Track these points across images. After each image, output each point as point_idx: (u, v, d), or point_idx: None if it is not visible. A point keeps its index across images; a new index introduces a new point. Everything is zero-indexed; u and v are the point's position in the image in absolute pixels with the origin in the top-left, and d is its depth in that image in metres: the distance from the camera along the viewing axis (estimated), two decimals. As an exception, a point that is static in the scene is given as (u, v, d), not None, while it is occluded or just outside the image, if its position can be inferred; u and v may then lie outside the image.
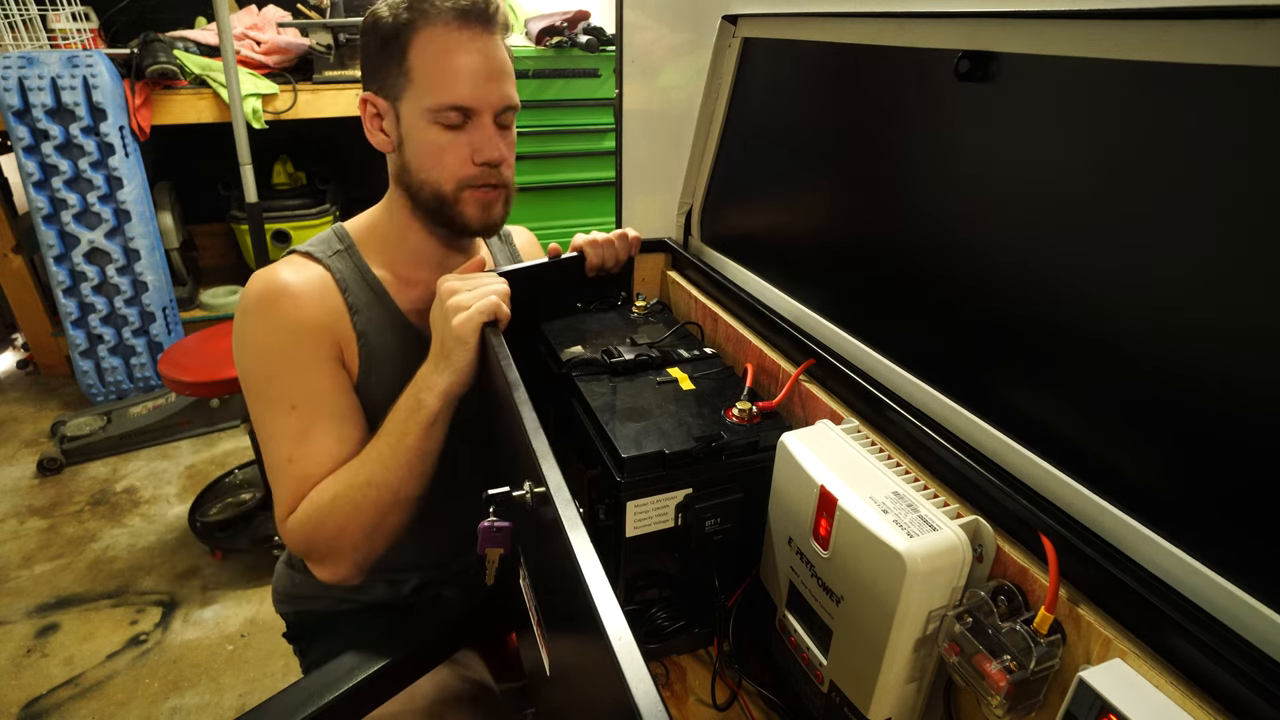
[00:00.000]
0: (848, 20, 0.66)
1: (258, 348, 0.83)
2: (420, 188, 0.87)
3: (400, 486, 0.78)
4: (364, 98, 0.87)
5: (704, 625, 0.73)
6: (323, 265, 0.87)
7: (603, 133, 2.81)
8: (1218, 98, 0.40)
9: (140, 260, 2.48)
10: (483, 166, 0.86)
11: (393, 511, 0.79)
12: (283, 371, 0.82)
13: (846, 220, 0.75)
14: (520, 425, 0.57)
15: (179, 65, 2.42)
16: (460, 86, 0.81)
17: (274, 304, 0.83)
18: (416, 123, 0.83)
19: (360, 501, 0.78)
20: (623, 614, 0.39)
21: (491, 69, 0.83)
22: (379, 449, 0.79)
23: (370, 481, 0.78)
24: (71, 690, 1.62)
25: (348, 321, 0.87)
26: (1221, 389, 0.42)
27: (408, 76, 0.82)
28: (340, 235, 0.92)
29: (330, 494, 0.79)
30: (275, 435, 0.82)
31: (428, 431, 0.78)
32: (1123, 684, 0.40)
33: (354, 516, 0.79)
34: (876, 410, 0.63)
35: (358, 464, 0.80)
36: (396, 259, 0.92)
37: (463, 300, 0.77)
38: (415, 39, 0.80)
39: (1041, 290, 0.53)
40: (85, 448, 2.34)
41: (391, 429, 0.79)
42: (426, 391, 0.78)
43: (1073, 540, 0.46)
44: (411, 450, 0.78)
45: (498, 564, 0.73)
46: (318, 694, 0.77)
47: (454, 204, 0.87)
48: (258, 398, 0.83)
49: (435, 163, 0.85)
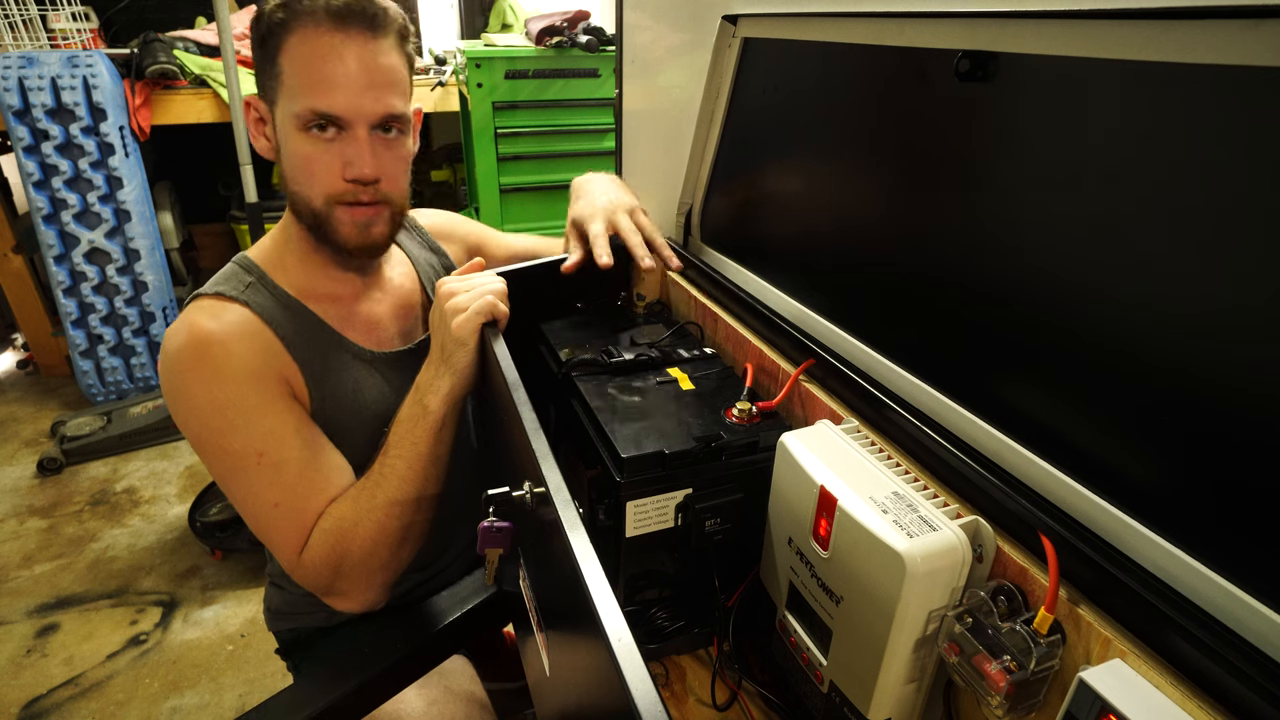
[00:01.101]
0: (848, 20, 0.66)
1: (203, 407, 0.77)
2: (295, 200, 0.81)
3: (420, 495, 0.79)
4: (247, 99, 0.83)
5: (704, 625, 0.73)
6: (239, 303, 0.81)
7: (603, 133, 2.81)
8: (1218, 98, 0.40)
9: (140, 260, 2.48)
10: (353, 183, 0.79)
11: (415, 521, 0.80)
12: (236, 423, 0.77)
13: (846, 220, 0.75)
14: (520, 425, 0.57)
15: (179, 65, 2.42)
16: (329, 93, 0.74)
17: (205, 357, 0.77)
18: (288, 130, 0.77)
19: (384, 521, 0.78)
20: (623, 614, 0.39)
21: (370, 76, 0.76)
22: (393, 464, 0.78)
23: (391, 499, 0.78)
24: (71, 690, 1.62)
25: (286, 356, 0.82)
26: (1222, 389, 0.42)
27: (279, 79, 0.76)
28: (247, 266, 0.86)
29: (349, 520, 0.78)
30: (251, 488, 0.78)
31: (437, 436, 0.78)
32: (1123, 684, 0.40)
33: (380, 536, 0.78)
34: (876, 410, 0.63)
35: (372, 484, 0.79)
36: (308, 278, 0.87)
37: (460, 302, 0.76)
38: (288, 40, 0.75)
39: (1042, 290, 0.53)
40: (85, 448, 2.34)
41: (401, 440, 0.79)
42: (431, 396, 0.77)
43: (1073, 540, 0.46)
44: (425, 458, 0.78)
45: (498, 564, 0.73)
46: (318, 694, 0.76)
47: (327, 220, 0.81)
48: (216, 456, 0.78)
49: (305, 175, 0.79)
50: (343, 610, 0.81)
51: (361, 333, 0.91)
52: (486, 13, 3.12)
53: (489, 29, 3.08)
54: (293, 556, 0.79)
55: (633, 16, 1.10)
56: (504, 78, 2.61)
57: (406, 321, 0.97)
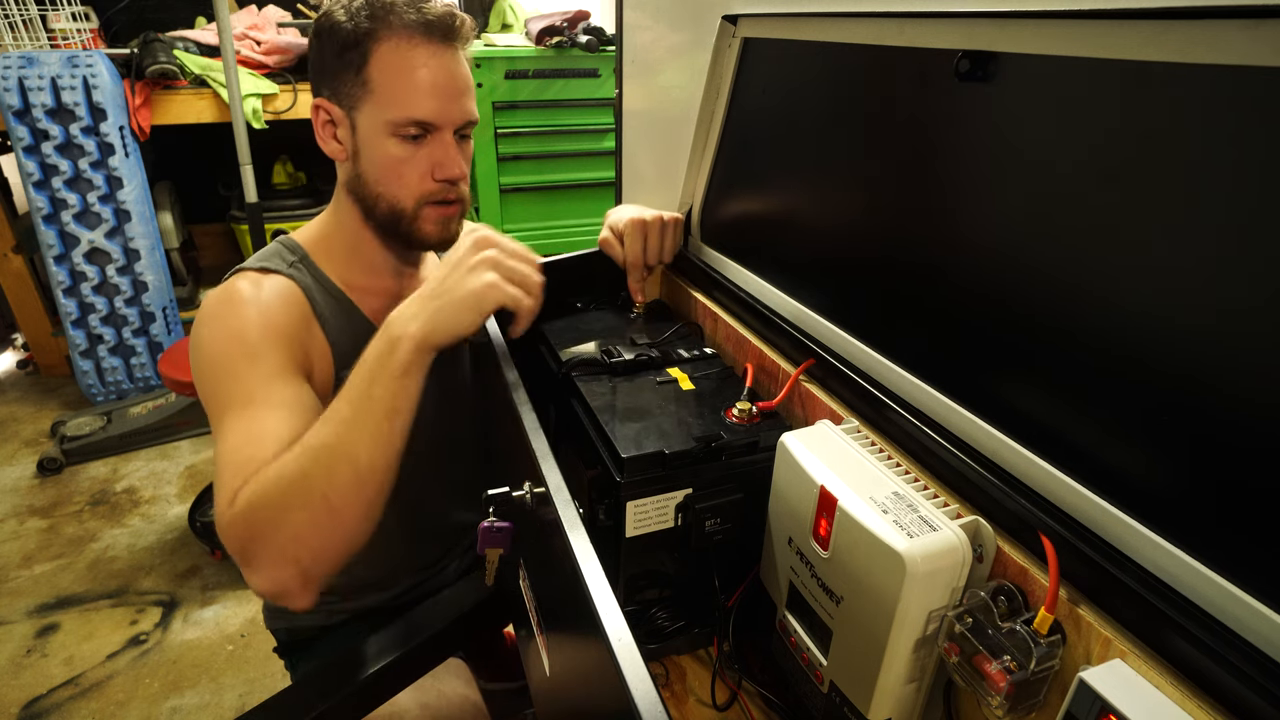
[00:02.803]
0: (848, 20, 0.66)
1: (219, 350, 0.75)
2: (376, 200, 0.84)
3: (362, 453, 0.63)
4: (316, 103, 0.84)
5: (704, 625, 0.73)
6: (283, 275, 0.83)
7: (603, 133, 2.81)
8: (1218, 98, 0.40)
9: (140, 260, 2.48)
10: (442, 183, 0.83)
11: (351, 491, 0.63)
12: (241, 371, 0.74)
13: (846, 220, 0.75)
14: (520, 425, 0.57)
15: (179, 65, 2.42)
16: (424, 101, 0.78)
17: (237, 309, 0.77)
18: (375, 135, 0.80)
19: (310, 469, 0.62)
20: (623, 614, 0.39)
21: (455, 84, 0.81)
22: (338, 406, 0.65)
23: (325, 444, 0.63)
24: (71, 690, 1.62)
25: (319, 332, 0.83)
26: (1222, 389, 0.42)
27: (366, 87, 0.79)
28: (291, 247, 0.88)
29: (274, 470, 0.64)
30: (226, 432, 0.71)
31: (399, 383, 0.64)
32: (1123, 684, 0.40)
33: (300, 493, 0.62)
34: (876, 410, 0.63)
35: (312, 430, 0.66)
36: (352, 269, 0.89)
37: (504, 266, 0.67)
38: (377, 49, 0.77)
39: (1041, 290, 0.53)
40: (85, 448, 2.34)
41: (356, 381, 0.66)
42: (402, 332, 0.65)
43: (1073, 540, 0.46)
44: (378, 404, 0.63)
45: (497, 564, 0.73)
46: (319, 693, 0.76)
47: (413, 220, 0.84)
48: (212, 401, 0.74)
49: (394, 176, 0.82)
50: (254, 589, 0.66)
51: None
52: (486, 13, 3.12)
53: (489, 29, 3.08)
54: (224, 508, 0.67)
55: (633, 16, 1.10)
56: (504, 78, 2.61)
57: None
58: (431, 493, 1.00)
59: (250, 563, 0.64)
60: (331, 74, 0.81)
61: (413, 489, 0.98)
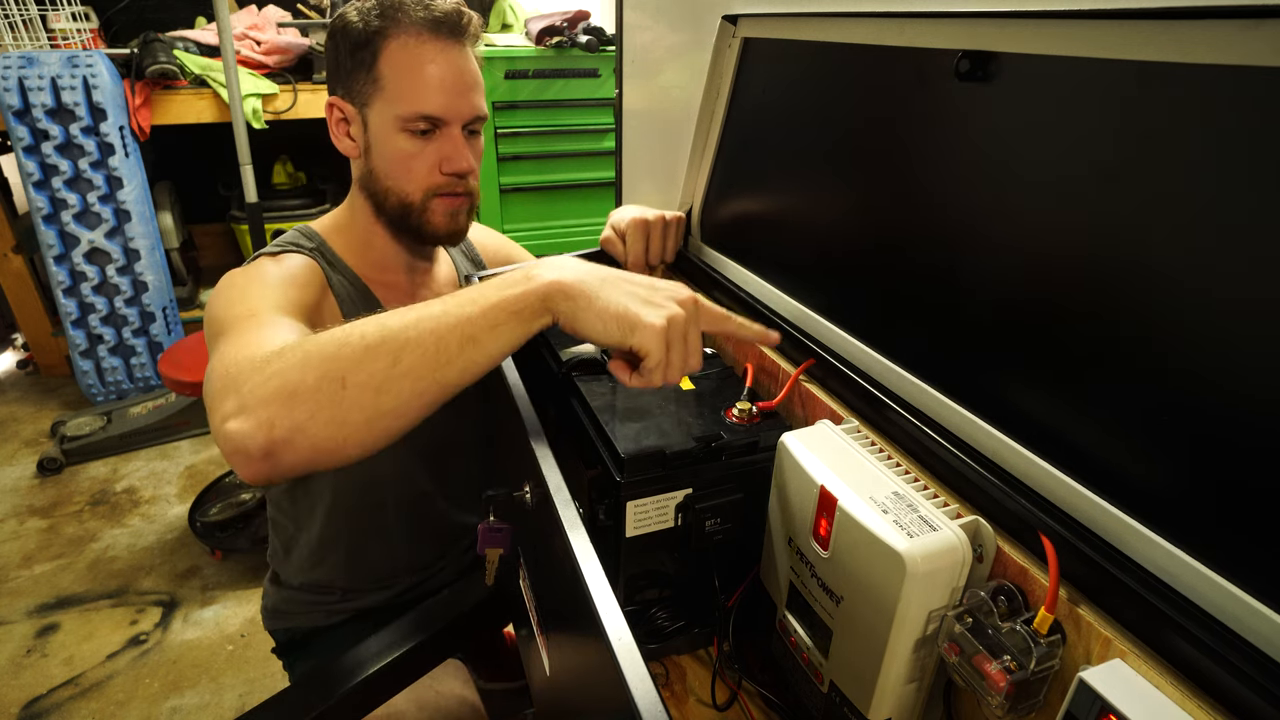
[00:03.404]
0: (848, 20, 0.66)
1: (236, 289, 0.73)
2: (386, 194, 0.86)
3: (408, 358, 0.51)
4: (330, 102, 0.87)
5: (704, 625, 0.73)
6: (303, 253, 0.86)
7: (603, 133, 2.81)
8: (1218, 98, 0.40)
9: (140, 260, 2.48)
10: (450, 176, 0.85)
11: (370, 390, 0.51)
12: (251, 296, 0.71)
13: (846, 220, 0.75)
14: (520, 425, 0.57)
15: (179, 65, 2.42)
16: (432, 96, 0.81)
17: (257, 269, 0.79)
18: (385, 130, 0.83)
19: (349, 341, 0.51)
20: (623, 614, 0.39)
21: (463, 80, 0.83)
22: (418, 305, 0.54)
23: (382, 326, 0.52)
24: (71, 690, 1.62)
25: (334, 304, 0.86)
26: (1222, 389, 0.42)
27: (377, 84, 0.81)
28: (308, 234, 0.90)
29: (327, 333, 0.53)
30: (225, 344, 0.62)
31: (501, 316, 0.52)
32: (1123, 684, 0.40)
33: (323, 360, 0.51)
34: (876, 410, 0.63)
35: (378, 315, 0.54)
36: (365, 261, 0.91)
37: (680, 331, 0.54)
38: (386, 46, 0.80)
39: (1041, 290, 0.53)
40: (85, 448, 2.34)
41: (456, 294, 0.55)
42: (545, 275, 0.54)
43: (1073, 540, 0.46)
44: (465, 323, 0.52)
45: (497, 564, 0.73)
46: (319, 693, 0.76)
47: (421, 212, 0.86)
48: (219, 323, 0.67)
49: (403, 170, 0.84)
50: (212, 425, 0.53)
51: None
52: (486, 13, 3.12)
53: (489, 29, 3.08)
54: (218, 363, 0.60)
55: (633, 16, 1.10)
56: (504, 78, 2.61)
57: None
58: (431, 492, 1.00)
59: (225, 394, 0.53)
60: (345, 73, 0.83)
61: (413, 488, 0.98)
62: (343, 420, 0.51)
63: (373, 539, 0.98)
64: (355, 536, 0.97)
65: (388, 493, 0.96)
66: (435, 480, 1.00)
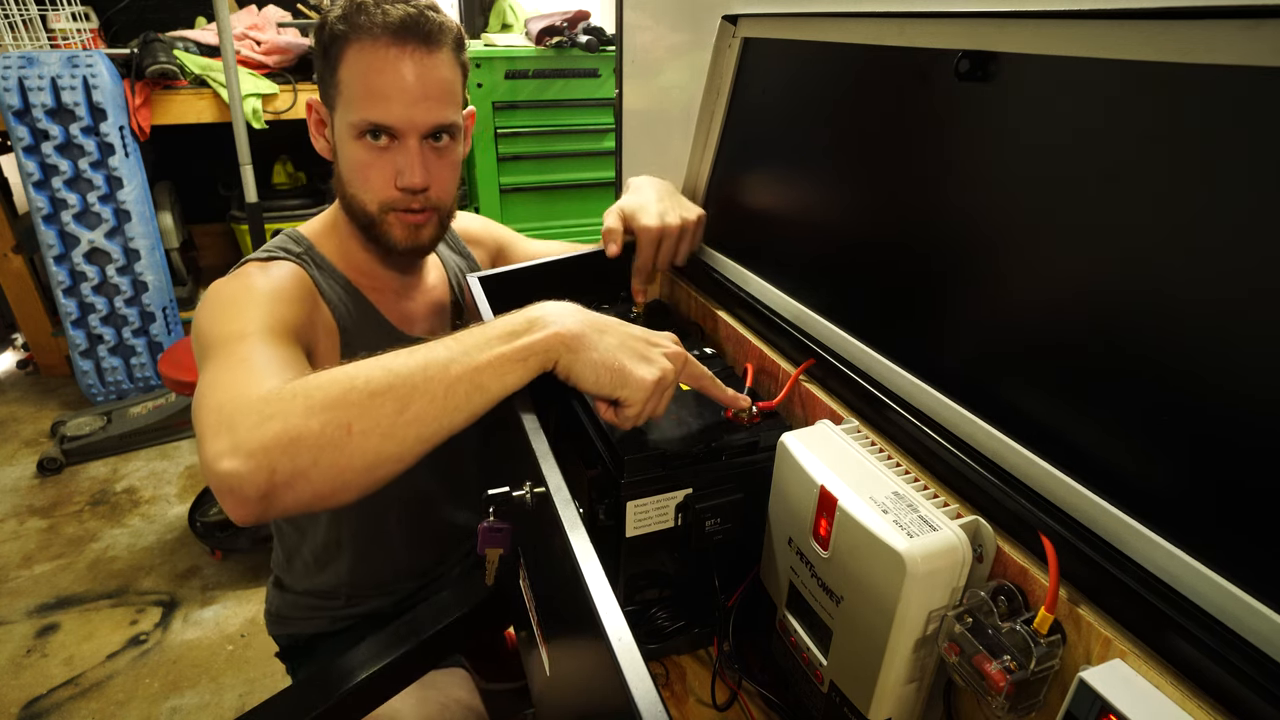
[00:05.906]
0: (848, 20, 0.66)
1: (222, 303, 0.72)
2: (350, 201, 0.85)
3: (417, 404, 0.52)
4: (309, 102, 0.86)
5: (704, 625, 0.73)
6: (291, 260, 0.84)
7: (603, 133, 2.81)
8: (1218, 98, 0.40)
9: (140, 260, 2.48)
10: (404, 191, 0.82)
11: (374, 436, 0.51)
12: (239, 313, 0.70)
13: (846, 220, 0.75)
14: (520, 425, 0.57)
15: (179, 65, 2.42)
16: (383, 105, 0.77)
17: (243, 280, 0.77)
18: (344, 137, 0.81)
19: (355, 384, 0.51)
20: (623, 614, 0.39)
21: (419, 88, 0.78)
22: (424, 347, 0.55)
23: (389, 370, 0.52)
24: (71, 690, 1.62)
25: (326, 312, 0.84)
26: (1222, 389, 0.42)
27: (338, 88, 0.80)
28: (296, 238, 0.89)
29: (327, 375, 0.53)
30: (213, 370, 0.61)
31: (507, 363, 0.54)
32: (1123, 684, 0.40)
33: (327, 404, 0.50)
34: (876, 410, 0.63)
35: (384, 356, 0.55)
36: (354, 263, 0.90)
37: (668, 386, 0.59)
38: (347, 51, 0.78)
39: (1041, 290, 0.53)
40: (85, 448, 2.34)
41: (460, 334, 0.57)
42: (550, 321, 0.56)
43: (1073, 540, 0.46)
44: (472, 371, 0.53)
45: (497, 564, 0.73)
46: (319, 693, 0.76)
47: (379, 224, 0.84)
48: (207, 344, 0.66)
49: (360, 180, 0.82)
50: (205, 460, 0.51)
51: (396, 321, 0.94)
52: (486, 13, 3.12)
53: (489, 29, 3.08)
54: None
55: (633, 16, 1.10)
56: (504, 78, 2.61)
57: (435, 320, 0.99)
58: (433, 496, 1.00)
59: (217, 431, 0.51)
60: (319, 74, 0.83)
61: (415, 492, 0.98)
62: (346, 466, 0.51)
63: (376, 544, 0.98)
64: (358, 542, 0.97)
65: (391, 498, 0.96)
66: (438, 484, 1.00)
